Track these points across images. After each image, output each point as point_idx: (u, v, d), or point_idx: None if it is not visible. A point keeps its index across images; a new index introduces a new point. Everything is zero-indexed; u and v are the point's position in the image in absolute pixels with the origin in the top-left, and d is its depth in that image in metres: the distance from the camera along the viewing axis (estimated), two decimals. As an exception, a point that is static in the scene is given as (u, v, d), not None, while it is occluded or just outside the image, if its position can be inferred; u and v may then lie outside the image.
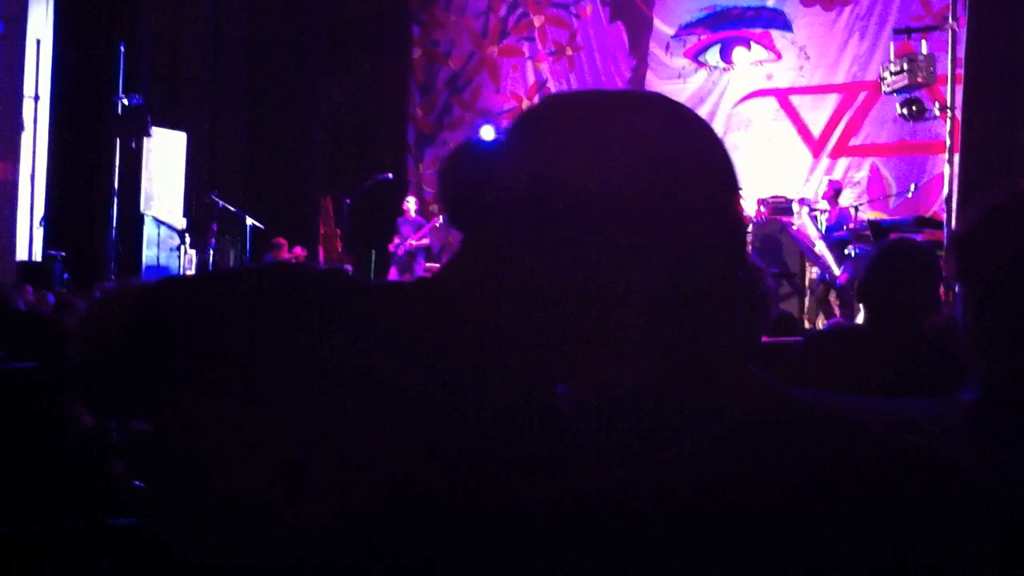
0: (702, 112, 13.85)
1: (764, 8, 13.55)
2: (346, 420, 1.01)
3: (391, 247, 12.76)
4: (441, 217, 12.96)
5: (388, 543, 0.99)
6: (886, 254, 2.96)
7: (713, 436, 0.80)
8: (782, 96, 13.46)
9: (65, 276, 10.50)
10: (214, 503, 1.02)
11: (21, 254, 11.39)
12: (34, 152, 11.70)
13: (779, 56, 13.51)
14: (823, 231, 10.55)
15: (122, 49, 11.46)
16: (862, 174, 12.74)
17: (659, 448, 0.81)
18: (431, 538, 0.97)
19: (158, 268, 11.35)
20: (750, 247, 9.79)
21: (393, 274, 12.22)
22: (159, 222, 11.58)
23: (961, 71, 10.13)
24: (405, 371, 1.07)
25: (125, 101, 11.34)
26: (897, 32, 11.16)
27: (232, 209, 11.06)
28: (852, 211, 10.73)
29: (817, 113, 13.17)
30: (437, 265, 13.43)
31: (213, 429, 1.03)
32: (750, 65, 13.64)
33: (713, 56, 13.92)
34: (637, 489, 0.79)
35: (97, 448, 2.74)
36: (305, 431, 1.02)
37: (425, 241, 12.74)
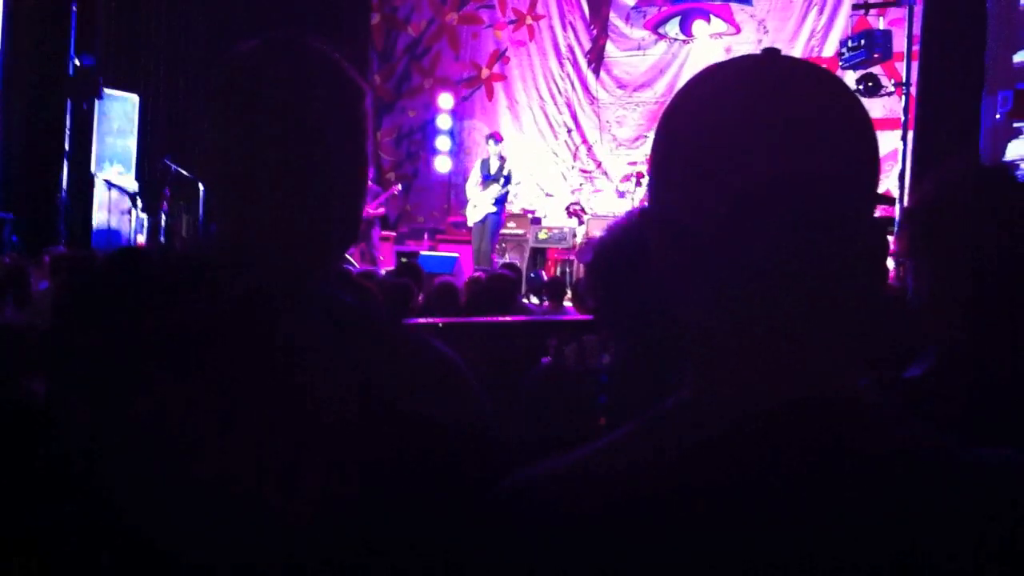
0: (661, 84, 13.93)
1: (724, -20, 13.57)
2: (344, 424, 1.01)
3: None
4: (399, 185, 12.90)
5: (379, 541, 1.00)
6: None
7: (711, 426, 0.80)
8: (740, 69, 13.48)
9: (14, 239, 10.33)
10: (206, 496, 1.03)
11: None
12: (-17, 112, 11.46)
13: (738, 29, 13.55)
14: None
15: (74, 8, 11.23)
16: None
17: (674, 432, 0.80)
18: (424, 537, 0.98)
19: (108, 232, 11.19)
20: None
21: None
22: (111, 185, 11.40)
23: (917, 47, 10.21)
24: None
25: (77, 62, 11.13)
26: (855, 8, 11.22)
27: (186, 174, 10.92)
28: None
29: (775, 87, 13.20)
30: (392, 233, 13.37)
31: (204, 423, 1.03)
32: (709, 38, 13.66)
33: (673, 28, 13.92)
34: (639, 480, 0.79)
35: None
36: (297, 431, 1.02)
37: (381, 210, 12.67)
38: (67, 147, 11.18)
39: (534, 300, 9.27)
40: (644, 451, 0.80)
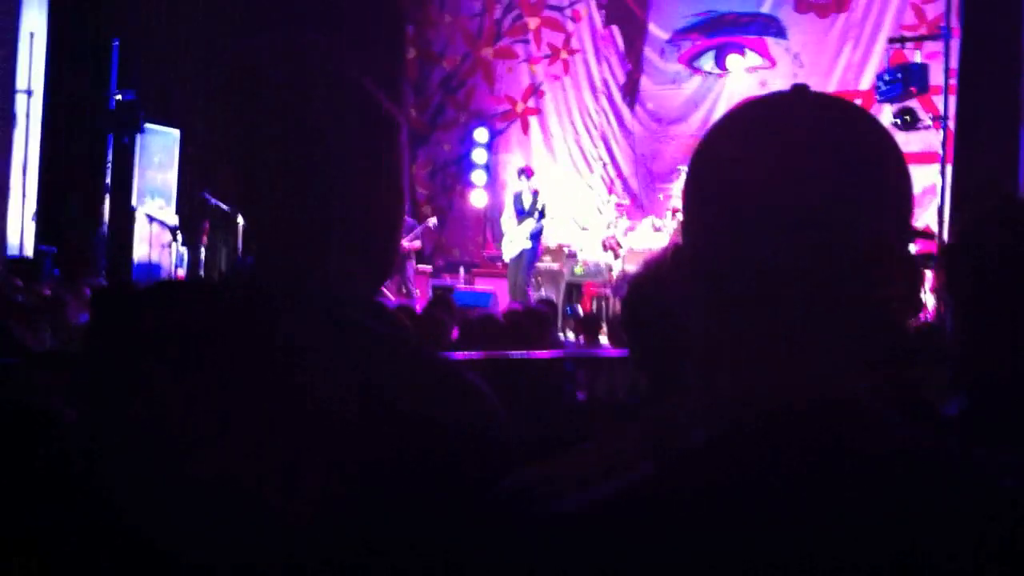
0: (696, 118, 13.93)
1: (759, 14, 13.57)
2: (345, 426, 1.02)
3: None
4: (434, 218, 12.95)
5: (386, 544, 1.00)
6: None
7: (716, 433, 0.80)
8: (776, 103, 13.46)
9: (55, 271, 10.47)
10: (208, 498, 1.03)
11: (12, 248, 11.35)
12: (26, 147, 11.66)
13: (773, 63, 13.54)
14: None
15: (116, 44, 11.44)
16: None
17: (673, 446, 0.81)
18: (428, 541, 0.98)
19: (149, 265, 11.32)
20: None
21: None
22: (151, 219, 11.55)
23: (955, 81, 10.15)
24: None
25: (119, 97, 11.32)
26: (891, 41, 11.18)
27: (224, 207, 11.03)
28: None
29: (810, 121, 13.17)
30: (428, 267, 13.42)
31: (208, 426, 1.04)
32: (744, 71, 13.66)
33: (708, 62, 13.94)
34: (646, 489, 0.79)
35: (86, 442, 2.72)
36: (299, 433, 1.02)
37: (417, 244, 12.72)
38: (108, 181, 11.34)
39: (570, 335, 9.25)
40: (644, 451, 0.80)
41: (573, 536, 0.78)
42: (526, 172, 12.17)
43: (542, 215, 11.67)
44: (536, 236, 11.72)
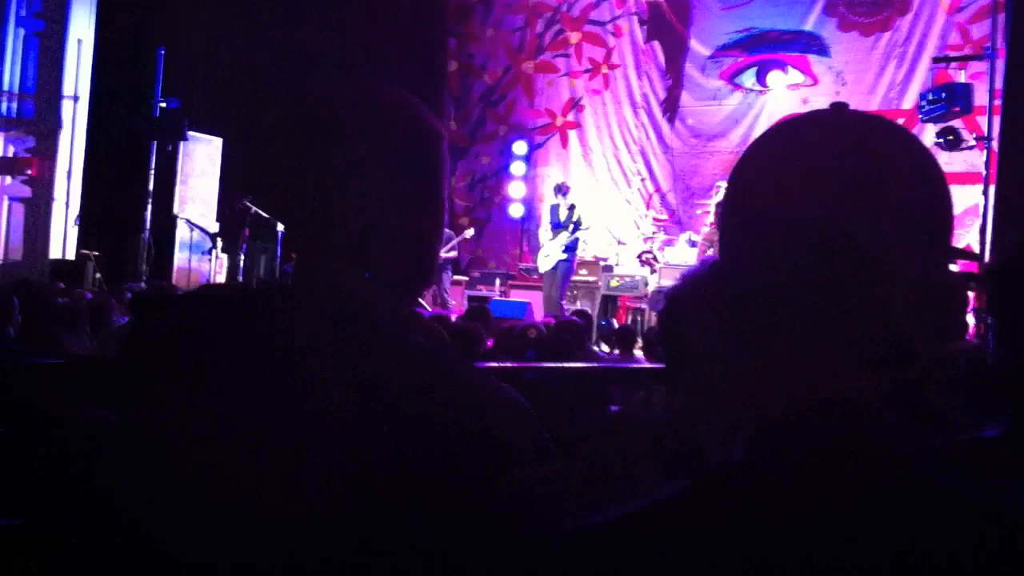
0: (736, 134, 13.89)
1: (801, 32, 13.51)
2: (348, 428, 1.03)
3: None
4: (471, 229, 12.98)
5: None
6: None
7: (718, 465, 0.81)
8: (817, 121, 13.38)
9: (97, 275, 10.61)
10: (208, 499, 1.04)
11: (55, 252, 11.51)
12: (71, 151, 11.84)
13: (816, 81, 13.47)
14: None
15: (162, 53, 11.60)
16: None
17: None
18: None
19: (189, 271, 11.44)
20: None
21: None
22: (192, 225, 11.67)
23: (999, 102, 10.05)
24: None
25: (163, 104, 11.46)
26: (936, 61, 11.10)
27: (264, 215, 11.12)
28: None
29: (852, 139, 13.09)
30: (464, 278, 13.46)
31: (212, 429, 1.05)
32: (786, 89, 13.60)
33: (749, 79, 13.89)
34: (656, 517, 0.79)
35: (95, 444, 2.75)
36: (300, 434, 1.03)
37: (453, 254, 12.76)
38: (151, 187, 11.48)
39: (604, 348, 9.23)
40: (644, 452, 0.81)
41: (571, 537, 0.79)
42: (563, 190, 12.16)
43: (577, 227, 11.67)
44: (572, 249, 11.72)
